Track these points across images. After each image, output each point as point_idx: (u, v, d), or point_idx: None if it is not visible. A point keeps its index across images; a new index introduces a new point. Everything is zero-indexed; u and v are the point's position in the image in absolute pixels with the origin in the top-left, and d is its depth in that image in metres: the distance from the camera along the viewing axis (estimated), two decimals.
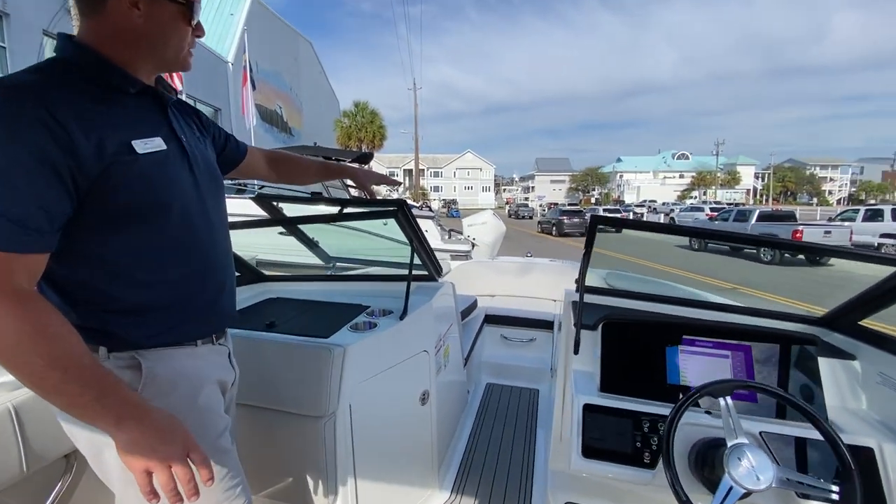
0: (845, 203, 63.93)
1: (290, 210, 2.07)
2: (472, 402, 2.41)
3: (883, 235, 12.85)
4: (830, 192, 73.28)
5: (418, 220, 6.48)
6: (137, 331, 0.83)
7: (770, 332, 1.33)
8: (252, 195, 7.68)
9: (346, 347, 1.29)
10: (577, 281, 1.63)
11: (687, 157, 74.41)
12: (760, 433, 1.06)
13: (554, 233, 21.80)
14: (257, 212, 1.92)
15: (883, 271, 1.15)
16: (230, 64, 17.66)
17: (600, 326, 1.39)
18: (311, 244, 2.19)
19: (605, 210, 24.80)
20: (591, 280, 3.38)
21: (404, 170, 70.00)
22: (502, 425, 2.23)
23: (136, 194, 0.79)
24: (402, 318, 1.53)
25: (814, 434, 1.00)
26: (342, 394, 1.29)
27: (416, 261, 1.76)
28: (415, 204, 25.84)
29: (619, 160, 76.56)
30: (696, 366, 1.28)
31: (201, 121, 1.10)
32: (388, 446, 1.52)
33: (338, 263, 2.43)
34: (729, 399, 0.98)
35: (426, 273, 1.91)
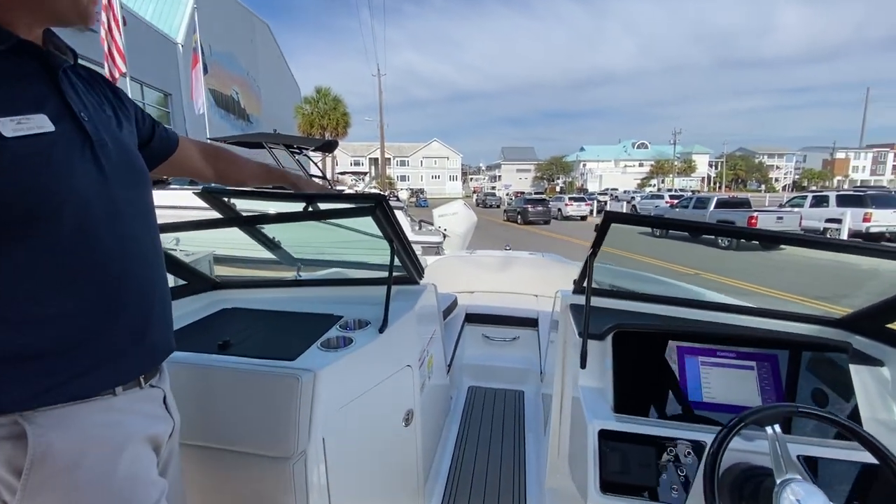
0: (790, 189, 67.96)
1: (245, 207, 1.78)
2: (455, 408, 2.26)
3: (828, 220, 13.60)
4: (777, 180, 77.64)
5: None
6: (19, 387, 0.60)
7: (797, 340, 1.21)
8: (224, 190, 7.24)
9: (316, 372, 1.07)
10: (575, 281, 1.48)
11: (646, 147, 76.76)
12: (799, 457, 0.94)
13: (519, 221, 22.48)
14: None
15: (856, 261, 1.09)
16: (180, 45, 16.53)
17: (610, 337, 1.23)
18: (272, 245, 1.92)
19: (570, 198, 25.12)
20: (573, 275, 3.28)
21: (370, 158, 68.70)
22: (489, 432, 2.09)
23: (2, 196, 0.56)
24: (381, 330, 1.32)
25: (857, 456, 0.89)
26: (313, 427, 1.07)
27: (395, 261, 1.56)
28: (382, 194, 25.46)
29: (582, 149, 78.05)
30: (719, 380, 1.15)
31: (118, 97, 0.84)
32: (368, 479, 1.32)
33: (305, 266, 2.15)
34: (777, 426, 0.85)
35: (407, 275, 1.72)
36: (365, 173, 26.99)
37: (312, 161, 7.98)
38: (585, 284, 1.34)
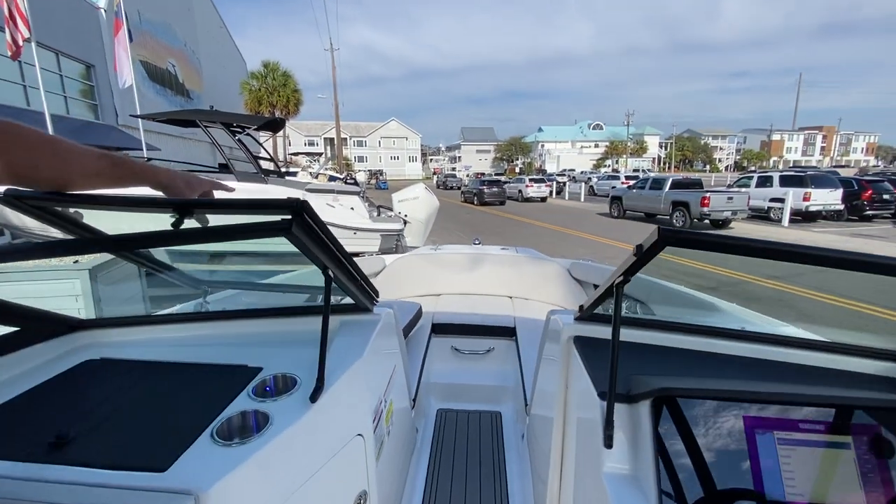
0: (731, 170, 71.88)
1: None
2: (422, 441, 1.94)
3: (772, 200, 14.28)
4: (720, 160, 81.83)
5: (342, 197, 5.65)
6: None
7: None
8: None
9: (199, 496, 0.64)
10: (582, 307, 1.17)
11: (601, 128, 78.48)
12: None
13: (475, 202, 23.12)
14: None
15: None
16: (102, 10, 14.77)
17: (649, 402, 0.88)
18: (162, 266, 1.41)
19: (530, 179, 25.14)
20: (551, 274, 2.97)
21: (325, 138, 66.15)
22: (464, 465, 1.79)
23: None
24: (313, 398, 0.88)
25: None
26: None
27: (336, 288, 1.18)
28: (338, 176, 24.34)
29: (540, 130, 78.74)
30: (805, 466, 0.81)
31: None
32: None
33: (215, 288, 1.62)
34: None
35: (354, 304, 1.29)
36: (320, 154, 25.70)
37: (258, 142, 7.28)
38: (612, 326, 0.96)
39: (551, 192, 25.68)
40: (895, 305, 5.76)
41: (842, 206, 13.77)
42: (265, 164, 7.77)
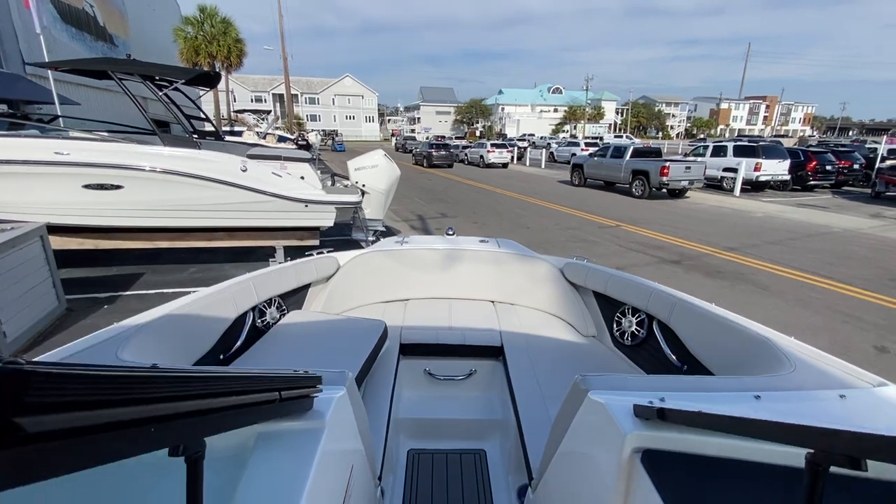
0: (682, 137, 74.23)
1: None
2: (389, 496, 1.55)
3: (725, 170, 14.64)
4: (672, 127, 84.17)
5: (291, 164, 4.86)
6: None
7: None
8: (41, 130, 5.34)
9: None
10: (662, 412, 0.78)
11: (560, 92, 78.09)
12: None
13: (425, 164, 23.88)
14: None
15: None
16: None
17: None
18: None
19: (492, 144, 24.57)
20: (539, 274, 2.52)
21: (273, 94, 61.75)
22: None
23: None
24: None
25: None
26: None
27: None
28: (289, 136, 22.76)
29: (500, 92, 77.30)
30: None
31: None
32: None
33: None
34: None
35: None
36: (268, 112, 23.73)
37: (190, 98, 6.34)
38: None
39: (512, 158, 25.32)
40: (841, 278, 5.95)
41: (788, 177, 14.32)
42: (201, 126, 6.84)
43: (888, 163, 13.09)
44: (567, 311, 2.45)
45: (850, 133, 74.84)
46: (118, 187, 4.60)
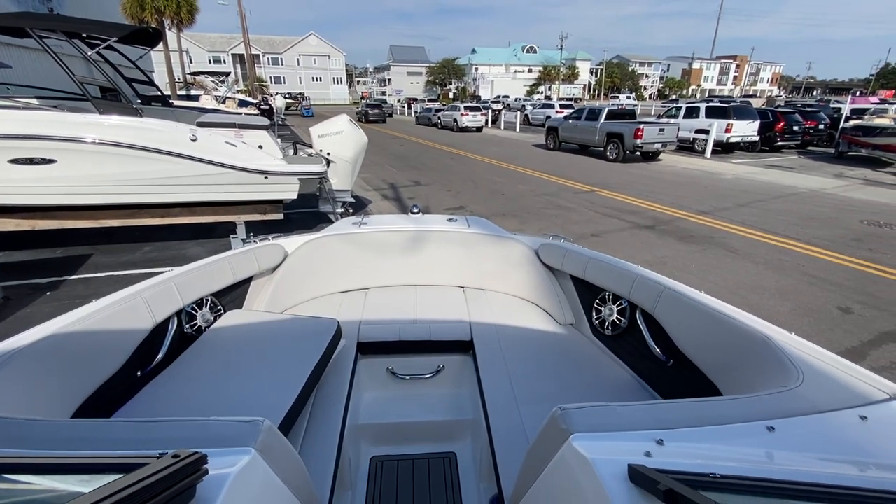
0: (655, 98, 74.29)
1: None
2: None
3: (697, 131, 14.68)
4: (645, 88, 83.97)
5: (248, 132, 4.40)
6: None
7: None
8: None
9: None
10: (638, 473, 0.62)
11: (535, 51, 76.29)
12: None
13: (363, 121, 28.26)
14: None
15: None
16: None
17: None
18: None
19: (465, 107, 23.88)
20: (512, 256, 2.31)
21: (233, 55, 58.02)
22: None
23: None
24: None
25: None
26: None
27: None
28: (251, 100, 21.44)
29: (473, 51, 74.89)
30: None
31: None
32: None
33: None
34: None
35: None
36: (227, 74, 22.14)
37: (129, 59, 5.72)
38: None
39: (487, 122, 24.75)
40: (807, 239, 6.07)
41: (757, 138, 14.48)
42: (146, 90, 6.23)
43: (851, 123, 13.35)
44: (542, 297, 2.28)
45: (815, 93, 76.41)
46: (50, 161, 4.14)
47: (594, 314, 2.06)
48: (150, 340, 1.55)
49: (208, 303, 1.89)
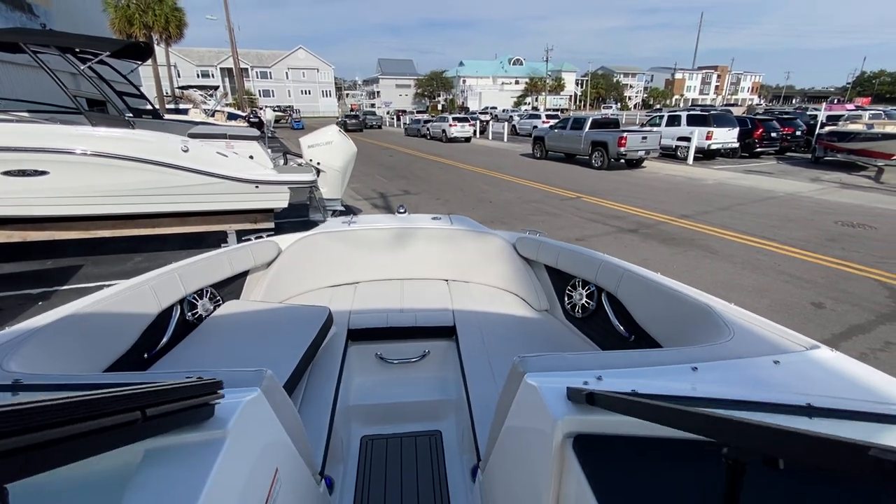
0: (639, 108, 75.85)
1: None
2: (342, 486, 1.50)
3: (679, 139, 15.07)
4: (630, 98, 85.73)
5: (238, 143, 4.55)
6: None
7: None
8: None
9: None
10: (591, 396, 0.75)
11: (521, 63, 77.65)
12: None
13: (344, 128, 29.02)
14: None
15: None
16: None
17: None
18: None
19: (454, 118, 24.23)
20: (494, 251, 2.48)
21: (222, 68, 58.18)
22: None
23: None
24: None
25: None
26: None
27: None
28: (240, 113, 21.48)
29: (461, 64, 76.02)
30: None
31: None
32: None
33: None
34: None
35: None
36: (215, 87, 22.25)
37: (121, 73, 5.81)
38: None
39: (475, 132, 25.11)
40: (784, 240, 6.31)
41: (737, 145, 14.91)
42: (137, 104, 6.31)
43: (826, 129, 13.83)
44: (520, 286, 2.44)
45: (794, 101, 78.66)
46: (43, 173, 4.19)
47: (566, 299, 2.23)
48: (156, 325, 1.66)
49: (208, 293, 2.00)
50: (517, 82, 73.44)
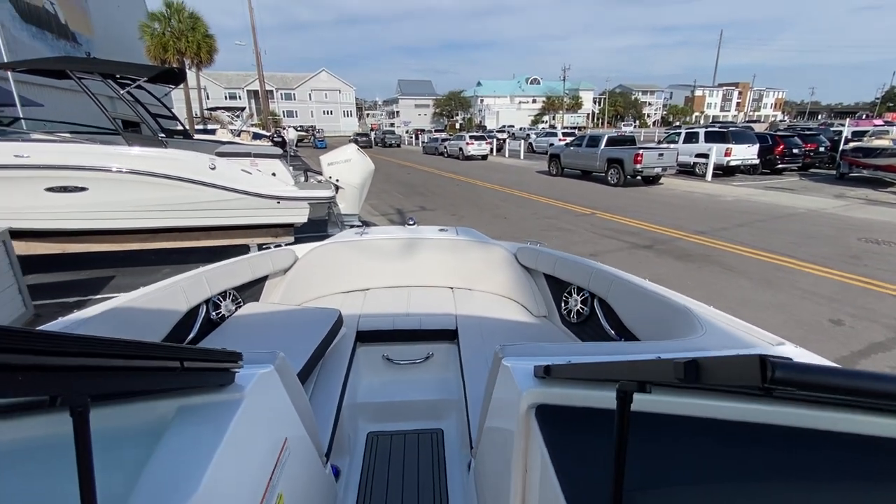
0: (658, 125, 75.43)
1: None
2: (347, 477, 1.60)
3: (697, 156, 14.98)
4: (649, 115, 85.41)
5: (262, 161, 4.87)
6: None
7: None
8: (22, 133, 5.14)
9: None
10: (547, 368, 0.85)
11: (538, 82, 78.44)
12: None
13: (357, 145, 31.27)
14: None
15: None
16: None
17: None
18: None
19: (471, 137, 24.62)
20: (497, 261, 2.63)
21: (248, 91, 60.53)
22: (399, 500, 1.50)
23: None
24: None
25: None
26: None
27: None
28: (264, 133, 22.31)
29: (479, 84, 77.26)
30: None
31: None
32: None
33: None
34: None
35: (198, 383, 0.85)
36: (242, 109, 23.22)
37: (155, 96, 6.20)
38: (615, 464, 0.63)
39: (492, 150, 25.39)
40: (804, 257, 6.20)
41: (757, 161, 14.72)
42: (169, 124, 6.70)
43: (851, 144, 13.56)
44: (520, 293, 2.56)
45: (820, 117, 77.06)
46: (82, 189, 4.50)
47: (563, 305, 2.32)
48: (185, 322, 1.82)
49: (231, 295, 2.17)
50: (534, 101, 74.13)
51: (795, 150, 14.89)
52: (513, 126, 49.04)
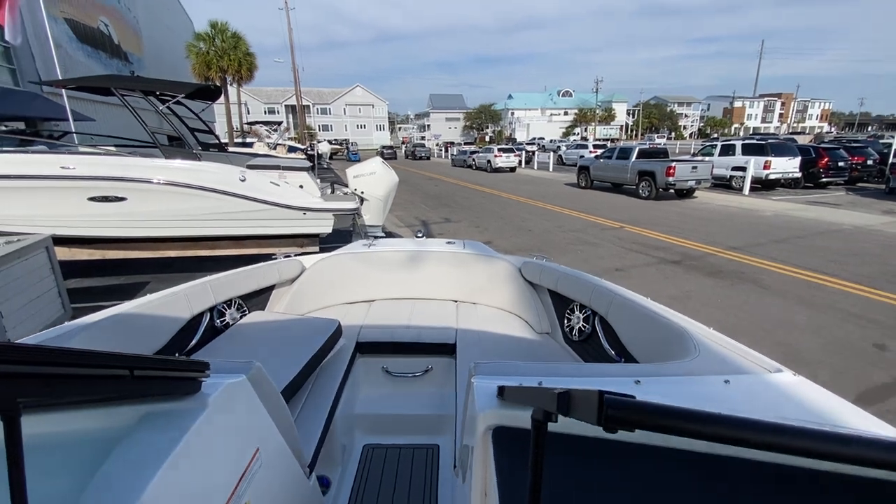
0: (695, 137, 73.25)
1: None
2: (336, 494, 1.60)
3: (734, 168, 14.44)
4: (685, 127, 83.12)
5: (290, 173, 5.02)
6: None
7: None
8: (49, 146, 5.55)
9: None
10: (502, 389, 0.85)
11: (570, 95, 77.92)
12: None
13: (383, 158, 32.52)
14: None
15: None
16: None
17: None
18: None
19: (499, 149, 24.65)
20: (501, 274, 2.62)
21: (286, 106, 62.90)
22: None
23: None
24: None
25: None
26: None
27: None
28: (299, 146, 23.07)
29: (510, 97, 77.48)
30: None
31: None
32: None
33: None
34: None
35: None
36: (279, 123, 24.15)
37: (193, 112, 6.55)
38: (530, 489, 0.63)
39: (520, 162, 25.33)
40: (847, 276, 5.83)
41: (799, 174, 14.05)
42: (206, 138, 7.05)
43: None
44: (523, 308, 2.52)
45: (870, 128, 72.90)
46: (122, 199, 4.78)
47: (565, 322, 2.26)
48: (188, 329, 1.89)
49: (236, 303, 2.23)
50: (566, 113, 73.59)
51: (841, 163, 14.12)
52: (543, 138, 48.77)
